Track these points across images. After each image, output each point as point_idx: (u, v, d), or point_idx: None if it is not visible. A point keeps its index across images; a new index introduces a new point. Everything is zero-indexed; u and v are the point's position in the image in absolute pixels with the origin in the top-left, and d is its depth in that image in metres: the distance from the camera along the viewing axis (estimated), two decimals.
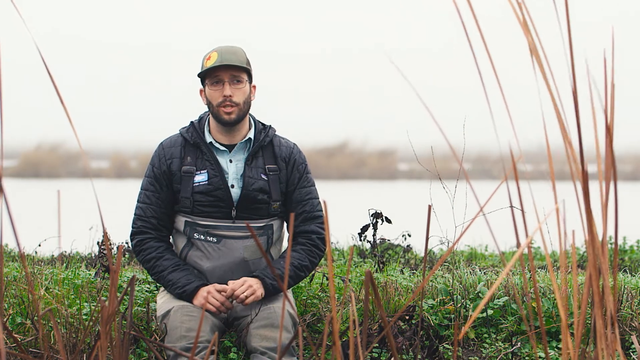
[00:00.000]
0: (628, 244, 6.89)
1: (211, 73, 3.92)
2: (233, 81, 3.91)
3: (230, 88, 3.90)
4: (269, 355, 3.66)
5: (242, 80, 3.93)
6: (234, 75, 3.91)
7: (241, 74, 3.92)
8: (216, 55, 3.91)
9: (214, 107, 3.92)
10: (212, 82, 3.92)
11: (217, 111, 3.92)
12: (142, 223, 3.97)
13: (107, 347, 2.19)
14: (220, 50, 3.93)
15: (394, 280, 4.51)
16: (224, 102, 3.90)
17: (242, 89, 3.92)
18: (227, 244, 3.94)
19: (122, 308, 4.06)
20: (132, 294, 2.39)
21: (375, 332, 4.18)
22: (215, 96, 3.92)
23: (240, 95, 3.92)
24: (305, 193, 4.01)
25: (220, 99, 3.91)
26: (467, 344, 4.32)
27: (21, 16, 2.12)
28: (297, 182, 4.00)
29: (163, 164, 3.98)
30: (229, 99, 3.90)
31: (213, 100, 3.92)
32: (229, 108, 3.90)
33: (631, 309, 4.38)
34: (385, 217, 4.98)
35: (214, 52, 3.93)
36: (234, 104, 3.91)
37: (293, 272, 3.92)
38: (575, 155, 1.96)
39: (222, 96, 3.90)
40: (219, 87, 3.92)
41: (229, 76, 3.91)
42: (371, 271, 3.89)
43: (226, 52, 3.92)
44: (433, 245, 5.71)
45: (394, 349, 1.88)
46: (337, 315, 4.01)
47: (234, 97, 3.91)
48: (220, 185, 3.92)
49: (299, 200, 3.99)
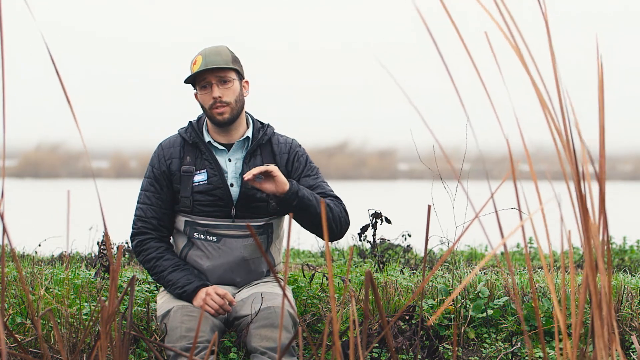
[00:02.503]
0: (628, 244, 6.89)
1: (198, 77, 3.93)
2: (220, 82, 3.92)
3: (218, 89, 3.91)
4: (269, 355, 3.66)
5: (230, 80, 3.93)
6: (220, 76, 3.92)
7: (227, 74, 3.93)
8: (201, 59, 3.92)
9: (207, 110, 3.94)
10: (200, 86, 3.94)
11: (210, 114, 3.94)
12: (142, 224, 3.97)
13: (107, 347, 2.19)
14: (204, 53, 3.94)
15: (394, 280, 4.51)
16: (214, 104, 3.91)
17: (230, 88, 3.93)
18: (227, 243, 3.95)
19: (122, 308, 4.06)
20: (132, 294, 2.40)
21: (375, 332, 4.19)
22: (206, 100, 3.93)
23: (230, 95, 3.93)
24: (313, 178, 4.01)
25: (210, 102, 3.92)
26: (467, 344, 4.32)
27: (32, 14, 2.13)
28: (302, 171, 4.01)
29: (162, 164, 3.99)
30: (219, 100, 3.91)
31: (205, 104, 3.94)
32: (220, 108, 3.91)
33: (631, 309, 4.38)
34: (385, 217, 4.98)
35: (199, 56, 3.94)
36: (225, 103, 3.91)
37: (332, 211, 3.90)
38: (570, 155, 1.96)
39: (212, 98, 3.91)
40: (208, 91, 3.93)
41: (215, 78, 3.92)
42: (371, 271, 3.89)
43: (210, 54, 3.92)
44: (433, 245, 5.72)
45: (392, 350, 1.88)
46: (337, 315, 4.01)
47: (224, 97, 3.91)
48: (220, 184, 3.93)
49: (307, 187, 3.97)
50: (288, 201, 3.83)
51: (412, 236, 5.81)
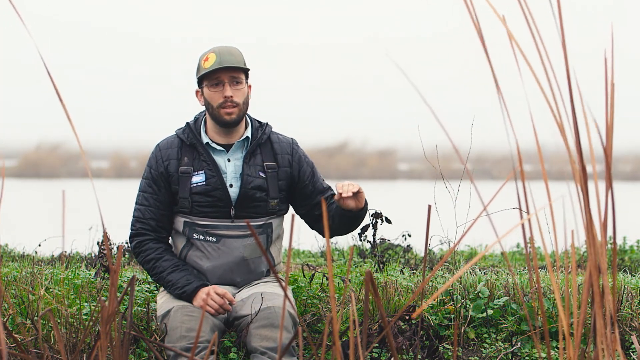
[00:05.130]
0: (628, 244, 6.89)
1: (210, 75, 3.92)
2: (233, 82, 3.92)
3: (230, 89, 3.91)
4: (269, 355, 3.66)
5: (242, 81, 3.94)
6: (234, 76, 3.92)
7: (240, 75, 3.93)
8: (214, 57, 3.91)
9: (214, 108, 3.93)
10: (211, 83, 3.93)
11: (217, 112, 3.92)
12: (140, 225, 3.98)
13: (107, 347, 2.19)
14: (218, 51, 3.93)
15: (394, 280, 4.51)
16: (224, 102, 3.91)
17: (241, 89, 3.94)
18: (227, 243, 3.95)
19: (122, 308, 4.06)
20: (132, 294, 2.39)
21: (375, 332, 4.18)
22: (215, 97, 3.92)
23: (240, 96, 3.93)
24: (321, 182, 4.10)
25: (220, 100, 3.91)
26: (467, 344, 4.32)
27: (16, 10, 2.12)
28: (312, 176, 4.07)
29: (160, 165, 3.98)
30: (230, 99, 3.91)
31: (213, 102, 3.92)
32: (229, 109, 3.91)
33: (631, 309, 4.38)
34: (385, 217, 4.97)
35: (212, 53, 3.93)
36: (235, 104, 3.92)
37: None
38: (574, 155, 1.96)
39: (223, 97, 3.91)
40: (219, 89, 3.92)
41: (228, 77, 3.92)
42: (371, 271, 3.88)
43: (224, 53, 3.92)
44: (433, 246, 5.71)
45: (394, 349, 1.88)
46: (337, 315, 4.01)
47: (235, 97, 3.92)
48: (218, 185, 3.93)
49: (321, 190, 4.08)
50: (361, 214, 3.92)
51: (412, 236, 5.81)
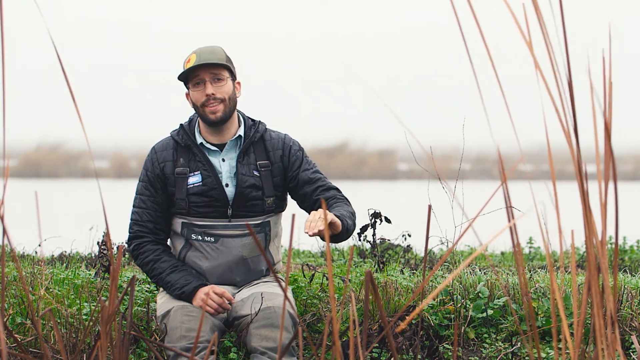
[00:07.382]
0: (628, 244, 6.89)
1: (192, 74, 3.93)
2: (214, 79, 3.92)
3: (212, 87, 3.91)
4: (269, 355, 3.66)
5: (223, 78, 3.94)
6: (214, 73, 3.92)
7: (221, 72, 3.94)
8: (195, 57, 3.93)
9: (199, 108, 3.94)
10: (193, 83, 3.94)
11: (202, 112, 3.94)
12: (138, 227, 3.98)
13: (107, 347, 2.19)
14: (199, 51, 3.94)
15: (394, 280, 4.51)
16: (207, 100, 3.91)
17: (224, 86, 3.93)
18: (225, 243, 3.95)
19: (122, 308, 4.06)
20: (132, 294, 2.39)
21: (375, 332, 4.18)
22: (198, 97, 3.93)
23: (222, 93, 3.93)
24: (312, 172, 4.03)
25: (203, 99, 3.92)
26: (467, 344, 4.32)
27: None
28: (300, 165, 4.02)
29: (156, 167, 3.99)
30: (212, 96, 3.91)
31: (197, 101, 3.94)
32: (213, 106, 3.91)
33: (631, 309, 4.38)
34: (385, 217, 4.97)
35: (193, 54, 3.95)
36: (218, 100, 3.91)
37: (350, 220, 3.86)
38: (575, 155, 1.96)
39: (205, 95, 3.92)
40: (201, 88, 3.93)
41: (209, 75, 3.92)
42: (371, 271, 3.88)
43: (204, 52, 3.93)
44: (433, 245, 5.71)
45: (394, 349, 1.88)
46: (337, 315, 4.01)
47: (217, 94, 3.92)
48: (215, 185, 3.94)
49: (307, 180, 4.00)
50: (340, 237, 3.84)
51: (412, 236, 5.81)
